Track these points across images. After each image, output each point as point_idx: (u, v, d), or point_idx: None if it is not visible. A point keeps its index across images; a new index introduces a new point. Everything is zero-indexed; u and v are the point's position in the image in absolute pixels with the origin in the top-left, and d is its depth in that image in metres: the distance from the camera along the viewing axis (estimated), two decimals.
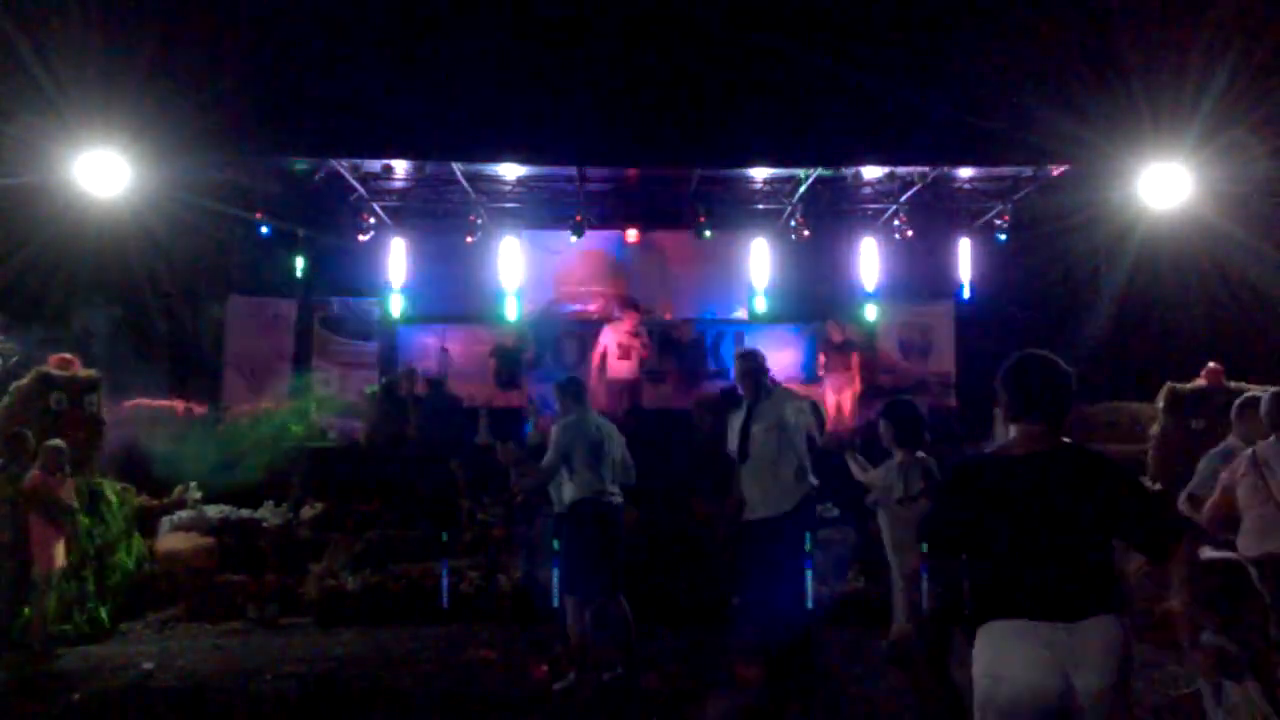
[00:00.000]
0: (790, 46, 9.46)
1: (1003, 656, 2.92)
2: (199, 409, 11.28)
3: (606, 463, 6.14)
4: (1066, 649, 2.85)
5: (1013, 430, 3.10)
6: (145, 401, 10.47)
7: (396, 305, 13.00)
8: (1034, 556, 2.93)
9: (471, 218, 12.39)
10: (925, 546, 4.09)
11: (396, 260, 12.95)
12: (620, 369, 11.74)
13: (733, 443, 5.87)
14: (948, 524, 3.16)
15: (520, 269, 13.00)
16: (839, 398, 11.81)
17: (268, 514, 9.27)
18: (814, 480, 5.74)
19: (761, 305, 13.15)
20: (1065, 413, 3.05)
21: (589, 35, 9.51)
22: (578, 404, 6.35)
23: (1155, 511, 3.13)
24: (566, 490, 6.13)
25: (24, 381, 8.30)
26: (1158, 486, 8.12)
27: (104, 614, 7.89)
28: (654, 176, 12.39)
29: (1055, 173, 11.00)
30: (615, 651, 6.20)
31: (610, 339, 11.87)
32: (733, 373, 6.34)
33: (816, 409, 5.93)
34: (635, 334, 11.88)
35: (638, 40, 9.56)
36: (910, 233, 12.33)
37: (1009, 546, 2.96)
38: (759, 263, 13.09)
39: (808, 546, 5.72)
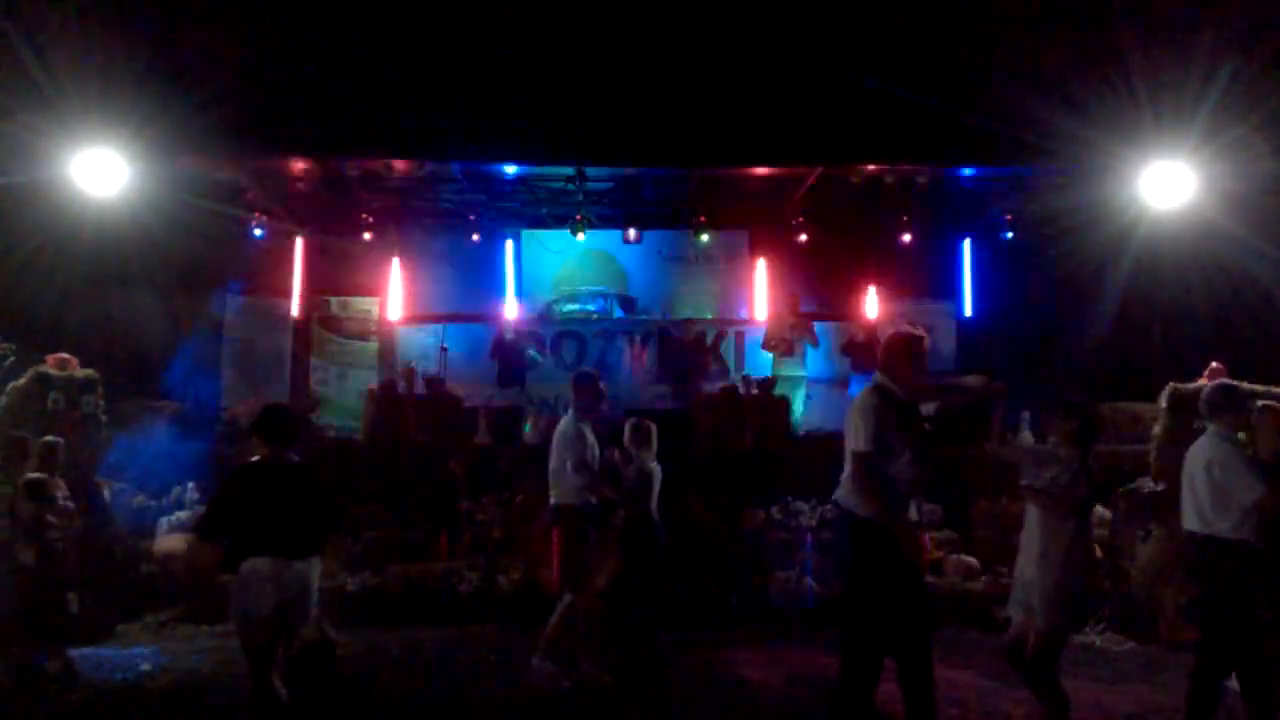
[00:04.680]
0: (791, 46, 9.43)
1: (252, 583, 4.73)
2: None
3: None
4: (285, 578, 4.72)
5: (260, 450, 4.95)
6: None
7: (396, 305, 12.98)
8: (270, 518, 4.79)
9: (471, 217, 12.36)
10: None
11: (396, 260, 12.93)
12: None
13: None
14: (225, 503, 4.95)
15: (520, 269, 12.97)
16: None
17: None
18: None
19: (762, 305, 13.10)
20: (292, 438, 5.03)
21: (588, 35, 9.47)
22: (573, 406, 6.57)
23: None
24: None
25: (21, 381, 8.27)
26: (1160, 487, 8.07)
27: (101, 615, 7.85)
28: (654, 176, 12.37)
29: (1057, 172, 10.95)
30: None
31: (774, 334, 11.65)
32: None
33: None
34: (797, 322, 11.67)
35: (638, 40, 9.52)
36: (910, 235, 12.29)
37: (258, 512, 4.80)
38: (760, 263, 13.06)
39: None
